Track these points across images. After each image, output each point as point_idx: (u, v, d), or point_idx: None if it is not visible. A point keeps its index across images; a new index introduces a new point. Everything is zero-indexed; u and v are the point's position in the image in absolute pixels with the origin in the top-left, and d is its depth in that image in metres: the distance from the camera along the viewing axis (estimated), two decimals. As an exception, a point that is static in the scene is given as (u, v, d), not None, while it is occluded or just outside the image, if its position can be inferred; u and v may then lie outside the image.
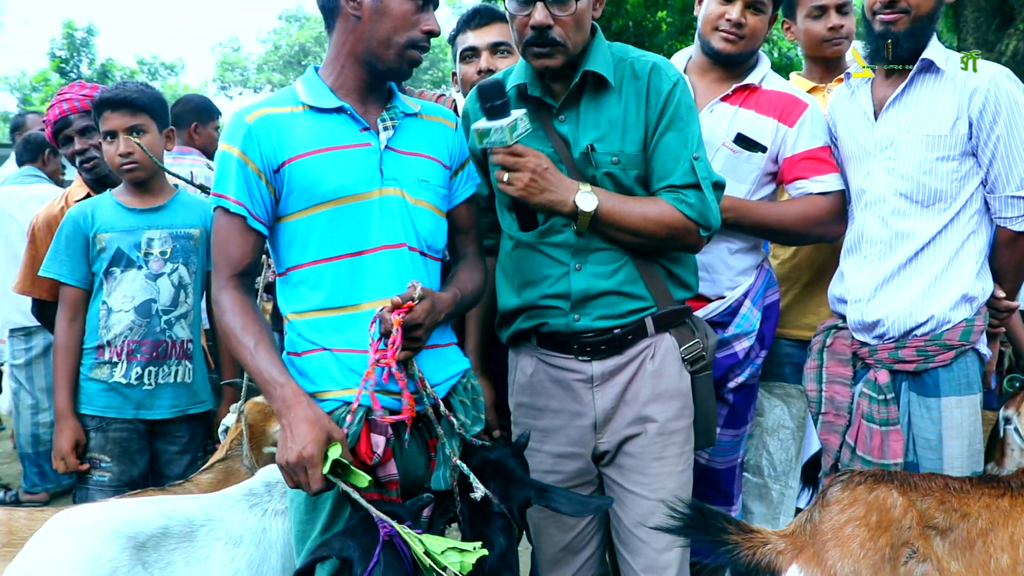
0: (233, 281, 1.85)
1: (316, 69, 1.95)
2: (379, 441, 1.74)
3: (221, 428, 2.62)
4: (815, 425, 2.56)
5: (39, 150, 4.76)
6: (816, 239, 2.62)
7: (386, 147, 1.90)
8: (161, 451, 2.78)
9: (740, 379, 2.53)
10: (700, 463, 2.54)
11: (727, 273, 2.50)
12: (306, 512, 1.85)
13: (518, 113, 1.92)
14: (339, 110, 1.88)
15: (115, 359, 2.66)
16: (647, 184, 2.09)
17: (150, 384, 2.68)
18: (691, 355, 2.15)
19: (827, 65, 2.98)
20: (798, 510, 2.62)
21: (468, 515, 1.79)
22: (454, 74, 2.78)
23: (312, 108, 1.88)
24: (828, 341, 2.50)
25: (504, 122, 1.89)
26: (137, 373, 2.66)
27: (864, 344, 2.40)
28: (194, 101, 4.55)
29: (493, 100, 1.91)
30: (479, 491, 1.73)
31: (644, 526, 2.09)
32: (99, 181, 3.14)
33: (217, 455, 2.48)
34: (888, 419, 2.32)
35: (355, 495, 1.68)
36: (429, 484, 1.86)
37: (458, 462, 1.82)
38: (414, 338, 1.77)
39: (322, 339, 1.85)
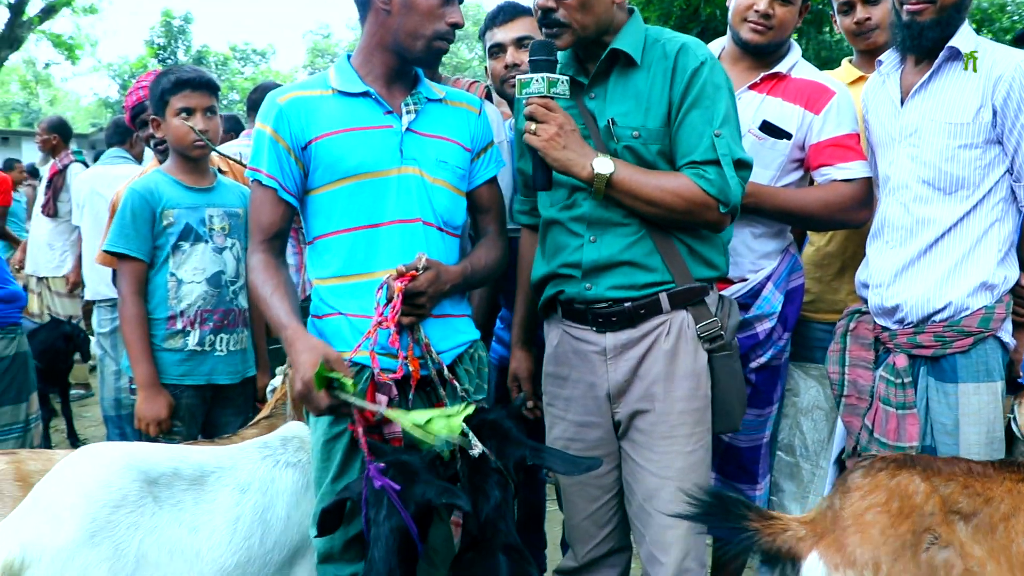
0: (264, 245, 2.06)
1: (348, 57, 2.11)
2: (382, 400, 1.88)
3: (269, 388, 2.82)
4: (837, 407, 2.59)
5: (127, 133, 5.06)
6: (839, 225, 2.65)
7: (407, 129, 2.04)
8: (218, 415, 2.94)
9: (762, 360, 2.57)
10: (723, 441, 2.60)
11: (749, 256, 2.56)
12: (321, 461, 2.03)
13: (561, 76, 2.04)
14: (365, 94, 2.04)
15: (188, 328, 2.80)
16: (672, 162, 2.12)
17: (222, 350, 2.84)
18: (707, 333, 2.15)
19: (871, 55, 2.97)
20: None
21: (467, 471, 1.91)
22: (486, 69, 2.92)
23: (340, 92, 2.04)
24: (852, 325, 2.53)
25: (545, 75, 2.01)
26: (210, 340, 2.81)
27: (885, 329, 2.42)
28: (271, 89, 4.76)
29: (540, 55, 2.03)
30: (477, 448, 1.84)
31: (651, 501, 2.15)
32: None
33: (263, 412, 2.65)
34: (905, 403, 2.34)
35: (351, 399, 1.81)
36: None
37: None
38: (417, 305, 1.91)
39: (339, 304, 2.02)
